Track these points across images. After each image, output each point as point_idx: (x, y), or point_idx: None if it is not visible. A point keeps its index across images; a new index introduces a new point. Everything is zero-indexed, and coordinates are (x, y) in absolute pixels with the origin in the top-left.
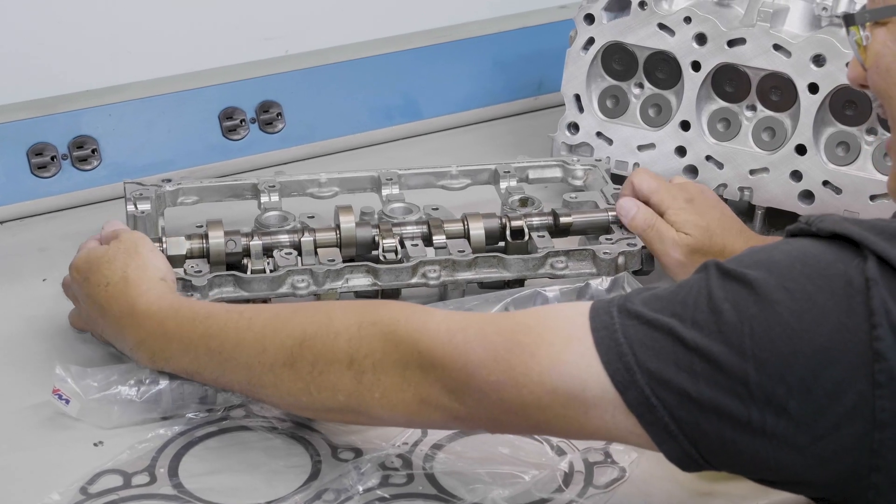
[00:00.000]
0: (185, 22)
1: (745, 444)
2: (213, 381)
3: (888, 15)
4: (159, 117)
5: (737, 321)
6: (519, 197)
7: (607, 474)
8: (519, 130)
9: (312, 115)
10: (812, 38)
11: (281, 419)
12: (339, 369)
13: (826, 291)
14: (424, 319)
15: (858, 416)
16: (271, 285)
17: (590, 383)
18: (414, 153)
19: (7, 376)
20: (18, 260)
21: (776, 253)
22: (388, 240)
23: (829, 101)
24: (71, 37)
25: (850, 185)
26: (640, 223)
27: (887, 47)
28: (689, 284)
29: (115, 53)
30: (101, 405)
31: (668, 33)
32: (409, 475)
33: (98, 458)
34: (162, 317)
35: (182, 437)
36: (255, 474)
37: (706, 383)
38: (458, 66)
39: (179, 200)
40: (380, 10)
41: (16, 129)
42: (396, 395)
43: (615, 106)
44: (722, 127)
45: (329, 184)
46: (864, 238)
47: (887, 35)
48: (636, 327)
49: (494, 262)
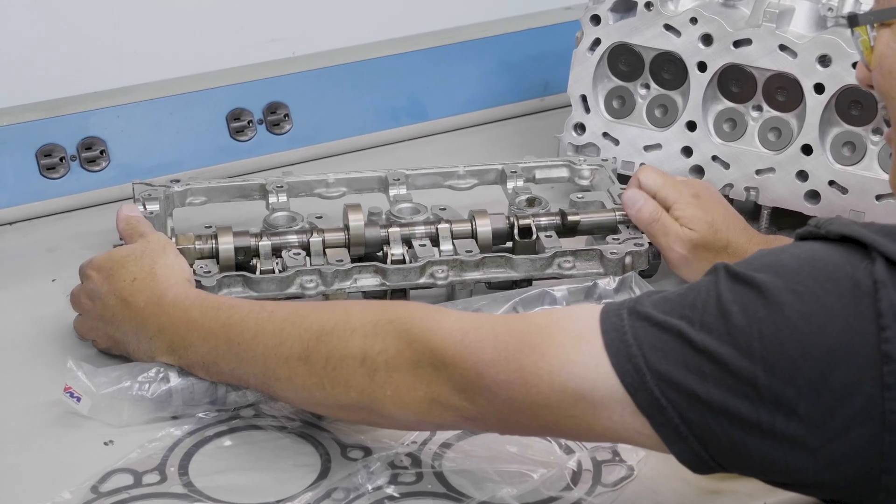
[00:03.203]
0: (193, 24)
1: (754, 447)
2: (230, 373)
3: (892, 16)
4: (167, 118)
5: (746, 324)
6: (526, 197)
7: (615, 473)
8: (525, 131)
9: (320, 117)
10: (818, 38)
11: (290, 418)
12: (352, 365)
13: (834, 294)
14: (438, 319)
15: (868, 419)
16: (280, 286)
17: (599, 384)
18: (421, 154)
19: (17, 375)
20: (27, 260)
21: (785, 256)
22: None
23: (834, 101)
24: (79, 39)
25: (856, 184)
26: (646, 216)
27: (890, 48)
28: (698, 287)
29: (123, 55)
30: (112, 402)
31: (674, 34)
32: (418, 474)
33: (109, 456)
34: (188, 305)
35: (192, 436)
36: (265, 473)
37: (716, 385)
38: (465, 68)
39: (188, 201)
40: (386, 12)
41: (25, 130)
42: (408, 393)
43: (621, 106)
44: (728, 127)
45: (337, 184)
46: (873, 240)
47: (891, 36)
48: (646, 329)
49: (502, 262)
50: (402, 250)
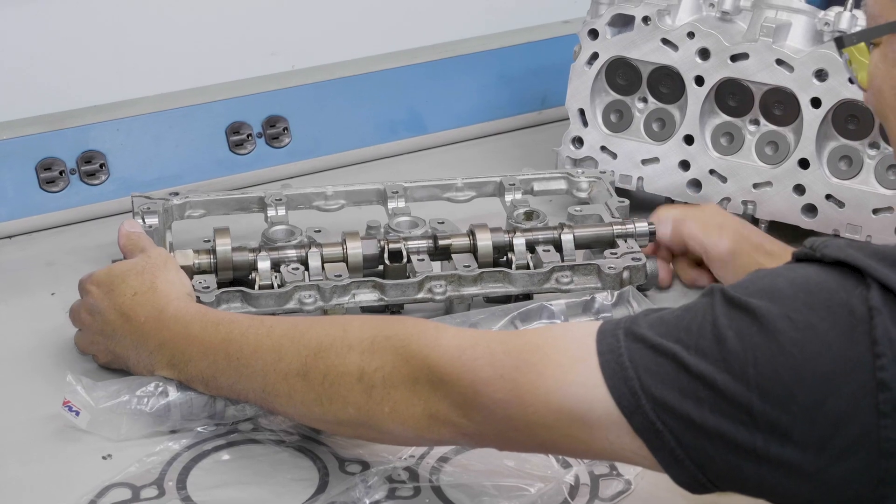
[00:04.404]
0: (192, 37)
1: (751, 471)
2: (229, 388)
3: (874, 36)
4: (167, 132)
5: (740, 350)
6: (524, 210)
7: (613, 487)
8: (523, 144)
9: (318, 130)
10: (814, 53)
11: (288, 432)
12: (350, 382)
13: (828, 321)
14: (435, 336)
15: (863, 446)
16: (278, 301)
17: (595, 406)
18: (419, 167)
19: (16, 389)
20: (27, 274)
21: (780, 280)
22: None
23: (831, 115)
24: (78, 53)
25: (853, 198)
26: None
27: (878, 68)
28: (694, 309)
29: (123, 69)
30: (111, 416)
31: (671, 48)
32: (415, 488)
33: (107, 471)
34: (188, 320)
35: (190, 451)
36: (263, 487)
37: (711, 411)
38: (463, 81)
39: (187, 214)
40: (385, 26)
41: (24, 144)
42: (406, 409)
43: (619, 120)
44: (725, 141)
45: (335, 197)
46: (868, 266)
47: (878, 56)
48: (641, 351)
49: (500, 276)
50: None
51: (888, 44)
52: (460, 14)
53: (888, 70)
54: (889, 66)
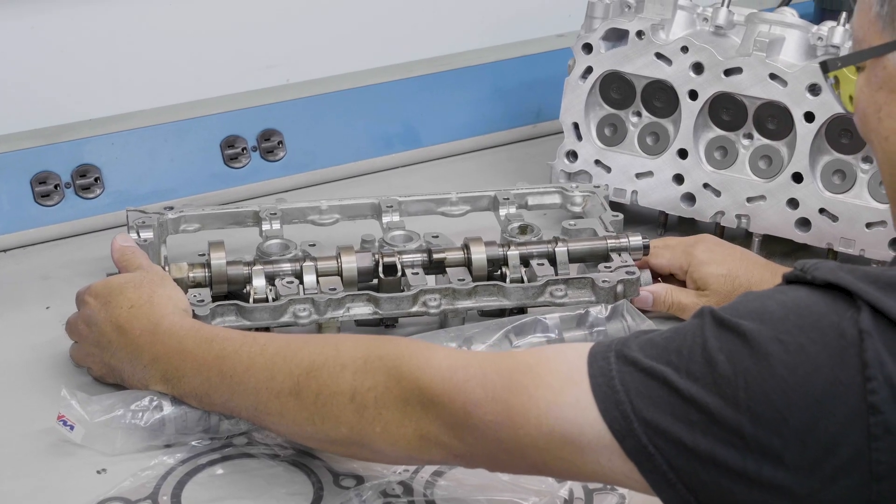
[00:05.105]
0: (187, 51)
1: (743, 494)
2: (222, 405)
3: (857, 60)
4: (161, 146)
5: (731, 373)
6: (518, 224)
7: (607, 501)
8: (518, 158)
9: (313, 143)
10: (808, 67)
11: (283, 446)
12: (342, 401)
13: (819, 343)
14: (427, 356)
15: (855, 469)
16: (273, 314)
17: (586, 429)
18: (414, 180)
19: (10, 403)
20: (22, 288)
21: (770, 302)
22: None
23: (824, 129)
24: (73, 67)
25: (847, 212)
26: (662, 308)
27: (863, 91)
28: (684, 331)
29: (118, 83)
30: (106, 431)
31: (665, 62)
32: (410, 502)
33: (101, 485)
34: (182, 335)
35: (185, 465)
36: (258, 501)
37: (702, 434)
38: (458, 95)
39: (181, 228)
40: (380, 39)
41: (19, 157)
42: (397, 430)
43: (613, 134)
44: (719, 155)
45: (330, 211)
46: (858, 288)
47: (863, 80)
48: (632, 374)
49: (494, 290)
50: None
51: (871, 68)
52: (455, 28)
53: (871, 94)
54: (873, 90)
